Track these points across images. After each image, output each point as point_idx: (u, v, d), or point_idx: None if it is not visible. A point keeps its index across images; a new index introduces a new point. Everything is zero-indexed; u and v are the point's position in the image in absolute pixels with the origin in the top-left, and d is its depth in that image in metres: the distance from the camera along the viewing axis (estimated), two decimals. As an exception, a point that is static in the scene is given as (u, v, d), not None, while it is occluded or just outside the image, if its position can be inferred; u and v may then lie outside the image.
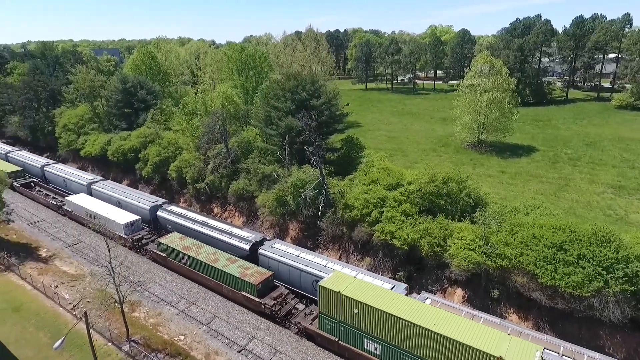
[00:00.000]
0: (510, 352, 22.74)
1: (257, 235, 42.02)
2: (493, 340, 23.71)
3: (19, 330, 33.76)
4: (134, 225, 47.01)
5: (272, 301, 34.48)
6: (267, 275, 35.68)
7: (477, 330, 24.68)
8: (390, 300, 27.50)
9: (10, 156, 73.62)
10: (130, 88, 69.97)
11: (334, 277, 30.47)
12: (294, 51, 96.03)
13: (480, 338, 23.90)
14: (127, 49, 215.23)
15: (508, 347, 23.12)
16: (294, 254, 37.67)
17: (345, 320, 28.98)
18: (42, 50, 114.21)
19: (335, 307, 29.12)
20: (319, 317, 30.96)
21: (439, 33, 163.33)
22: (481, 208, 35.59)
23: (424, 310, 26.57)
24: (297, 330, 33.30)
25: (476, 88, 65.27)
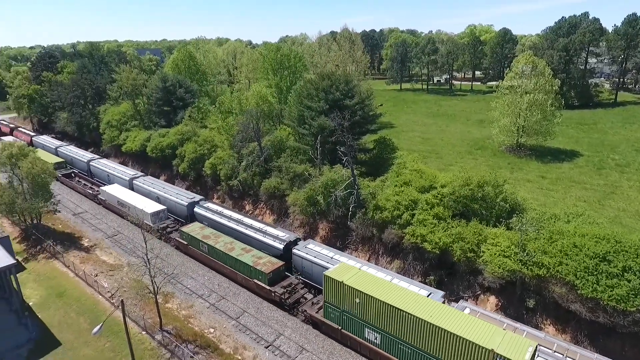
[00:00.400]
0: (503, 346, 23.01)
1: (291, 235, 41.84)
2: (487, 334, 24.03)
3: (61, 314, 35.69)
4: (160, 214, 49.58)
5: (282, 289, 35.84)
6: (279, 265, 37.20)
7: (472, 323, 25.11)
8: (390, 291, 28.31)
9: (60, 150, 77.79)
10: (170, 87, 72.35)
11: (339, 268, 31.67)
12: (328, 51, 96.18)
13: (474, 331, 24.30)
14: (168, 49, 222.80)
15: (501, 341, 23.42)
16: (328, 255, 37.21)
17: (347, 310, 29.89)
18: (89, 50, 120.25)
19: (338, 297, 30.14)
20: (323, 306, 31.98)
21: (478, 32, 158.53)
22: (518, 214, 34.26)
23: (423, 303, 27.26)
24: (303, 318, 34.51)
25: (516, 89, 62.96)
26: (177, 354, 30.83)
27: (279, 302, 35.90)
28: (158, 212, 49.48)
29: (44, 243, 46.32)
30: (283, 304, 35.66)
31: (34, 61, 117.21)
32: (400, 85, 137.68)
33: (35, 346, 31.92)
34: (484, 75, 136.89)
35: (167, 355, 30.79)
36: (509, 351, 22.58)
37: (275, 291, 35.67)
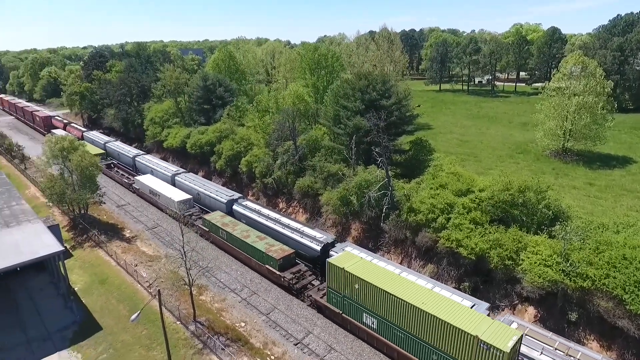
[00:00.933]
0: (488, 333, 23.86)
1: (328, 236, 40.86)
2: (475, 322, 24.97)
3: (103, 300, 37.52)
4: (187, 203, 52.70)
5: (290, 275, 37.82)
6: (289, 252, 39.11)
7: (462, 311, 26.18)
8: (388, 279, 29.80)
9: (107, 146, 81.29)
10: (210, 85, 74.37)
11: (342, 256, 33.57)
12: (366, 51, 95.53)
13: (463, 318, 25.32)
14: (210, 49, 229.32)
15: (487, 329, 24.29)
16: (366, 258, 35.11)
17: (348, 295, 31.58)
18: (136, 50, 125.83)
19: (340, 283, 31.87)
20: (327, 291, 33.80)
21: (524, 32, 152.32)
22: (562, 222, 32.55)
23: (417, 290, 28.60)
24: (309, 303, 36.30)
25: (564, 91, 59.91)
26: (209, 345, 31.61)
27: (287, 287, 37.90)
28: (185, 200, 52.87)
29: (90, 232, 48.86)
30: (291, 288, 37.55)
31: (86, 60, 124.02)
32: (439, 86, 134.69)
33: (79, 329, 33.71)
34: (529, 76, 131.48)
35: (200, 345, 31.63)
36: (493, 338, 23.43)
37: (284, 276, 37.70)
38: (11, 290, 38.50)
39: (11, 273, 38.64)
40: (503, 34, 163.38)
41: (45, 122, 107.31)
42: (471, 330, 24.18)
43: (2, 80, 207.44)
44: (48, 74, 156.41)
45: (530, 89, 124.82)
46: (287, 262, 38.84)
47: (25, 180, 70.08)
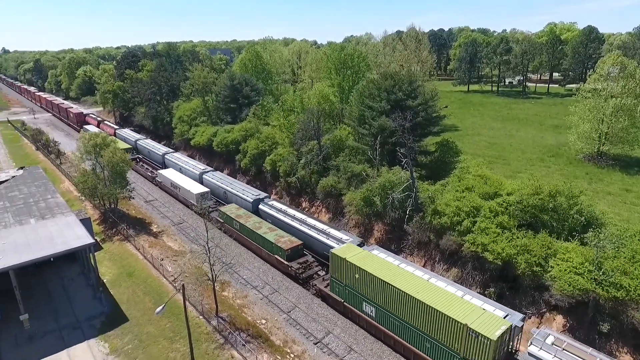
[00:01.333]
0: (478, 322, 24.77)
1: (354, 238, 39.93)
2: (465, 311, 25.97)
3: (130, 292, 38.63)
4: (204, 195, 55.38)
5: (297, 265, 39.52)
6: (297, 244, 40.79)
7: (454, 301, 27.31)
8: (387, 270, 31.11)
9: (138, 144, 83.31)
10: (237, 85, 75.42)
11: (345, 247, 35.14)
12: (393, 51, 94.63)
13: (454, 307, 26.35)
14: (237, 49, 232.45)
15: (478, 318, 25.18)
16: (393, 262, 34.07)
17: (349, 284, 33.08)
18: (167, 50, 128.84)
19: (342, 272, 33.44)
20: (330, 280, 35.41)
21: (558, 31, 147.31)
22: (595, 228, 31.16)
23: (414, 281, 29.81)
24: (314, 292, 37.94)
25: (600, 93, 57.49)
26: (230, 340, 32.02)
27: (294, 276, 39.51)
28: (203, 193, 55.64)
29: (119, 226, 50.41)
30: (298, 277, 39.27)
31: (119, 60, 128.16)
32: (468, 87, 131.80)
33: (107, 319, 34.83)
34: (563, 77, 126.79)
35: (221, 340, 32.08)
36: (482, 327, 24.36)
37: (292, 266, 39.46)
38: (45, 279, 40.22)
39: (45, 263, 40.32)
40: (536, 33, 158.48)
41: (78, 118, 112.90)
42: (461, 319, 25.18)
43: (41, 79, 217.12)
44: (83, 73, 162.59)
45: (563, 90, 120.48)
46: (295, 252, 40.56)
47: (60, 174, 73.04)
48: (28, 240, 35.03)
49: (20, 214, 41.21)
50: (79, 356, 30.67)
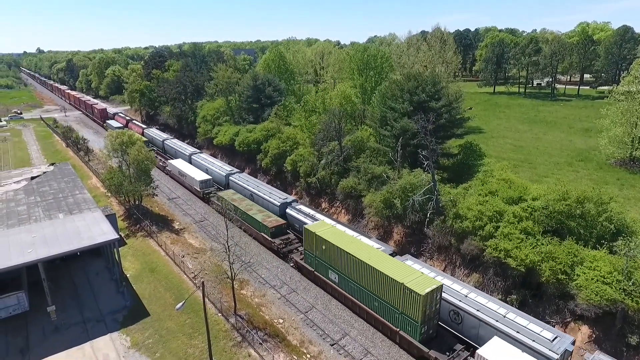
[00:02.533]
0: (413, 282, 29.54)
1: (387, 247, 38.82)
2: (405, 274, 30.70)
3: (152, 288, 39.50)
4: (207, 182, 61.08)
5: (279, 241, 44.40)
6: (281, 223, 45.98)
7: (398, 266, 32.06)
8: (349, 242, 35.69)
9: (166, 143, 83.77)
10: (260, 85, 76.13)
11: (317, 223, 40.26)
12: (417, 51, 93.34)
13: (398, 272, 30.93)
14: (261, 49, 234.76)
15: (414, 279, 29.91)
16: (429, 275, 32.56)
17: (319, 255, 37.63)
18: (192, 50, 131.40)
19: (313, 245, 38.11)
20: (304, 253, 40.30)
21: (591, 31, 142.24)
22: (625, 237, 29.98)
23: (370, 251, 34.37)
24: (293, 264, 42.41)
25: (635, 95, 55.22)
26: (247, 338, 32.31)
27: (276, 250, 44.27)
28: (205, 180, 61.27)
29: (143, 223, 51.66)
30: (279, 252, 44.06)
31: (146, 60, 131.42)
32: (493, 88, 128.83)
33: (129, 313, 35.73)
34: (595, 78, 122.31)
35: (239, 338, 32.40)
36: (415, 286, 29.08)
37: (275, 242, 44.41)
38: (71, 273, 41.60)
39: (72, 257, 41.72)
40: (567, 33, 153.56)
41: (102, 114, 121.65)
42: (401, 280, 29.89)
43: (73, 78, 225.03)
44: (112, 73, 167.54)
45: (595, 92, 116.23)
46: (279, 230, 45.57)
47: (88, 170, 75.46)
48: (56, 235, 36.31)
49: (50, 208, 42.76)
50: (102, 349, 31.56)
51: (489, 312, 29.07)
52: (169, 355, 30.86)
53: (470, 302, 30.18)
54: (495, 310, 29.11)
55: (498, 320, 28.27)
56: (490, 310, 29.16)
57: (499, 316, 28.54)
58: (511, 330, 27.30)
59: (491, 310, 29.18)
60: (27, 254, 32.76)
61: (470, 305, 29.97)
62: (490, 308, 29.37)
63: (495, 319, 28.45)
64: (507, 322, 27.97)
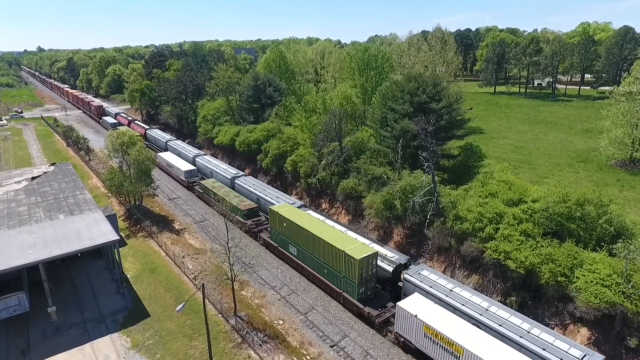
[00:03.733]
0: (352, 250, 34.52)
1: (401, 256, 37.35)
2: (348, 244, 35.73)
3: (152, 288, 39.57)
4: (191, 172, 66.81)
5: (252, 222, 49.56)
6: (253, 206, 51.41)
7: (344, 238, 37.16)
8: (306, 220, 40.86)
9: (169, 144, 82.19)
10: (260, 85, 76.14)
11: (282, 205, 45.42)
12: (418, 51, 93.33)
13: (341, 242, 35.93)
14: (262, 48, 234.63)
15: (354, 248, 34.90)
16: (446, 287, 31.87)
17: (281, 232, 42.91)
18: (193, 49, 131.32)
19: (276, 223, 43.54)
20: (270, 231, 45.73)
21: (592, 31, 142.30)
22: (625, 239, 30.00)
23: (320, 225, 40.00)
24: (261, 242, 47.04)
25: (635, 96, 55.23)
26: (247, 339, 32.36)
27: (249, 230, 49.24)
28: (190, 170, 66.83)
29: (143, 223, 51.71)
30: (251, 231, 48.82)
31: (147, 59, 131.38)
32: (494, 88, 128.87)
33: (129, 314, 35.79)
34: (596, 79, 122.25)
35: (239, 340, 32.46)
36: (353, 252, 34.00)
37: (247, 223, 49.42)
38: (71, 273, 41.68)
39: (72, 257, 41.75)
40: (568, 33, 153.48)
41: (98, 110, 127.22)
42: (342, 248, 34.79)
43: (73, 77, 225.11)
44: (113, 72, 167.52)
45: (596, 92, 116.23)
46: (252, 213, 50.70)
47: (89, 170, 75.50)
48: (57, 235, 36.36)
49: (50, 209, 42.83)
50: (102, 349, 31.65)
51: (511, 326, 27.53)
52: (169, 356, 30.93)
53: (491, 316, 28.62)
54: (519, 325, 27.55)
55: (522, 336, 26.69)
56: (512, 325, 27.61)
57: (522, 332, 27.02)
58: (537, 347, 25.82)
59: (514, 325, 27.64)
60: (28, 255, 32.82)
61: (491, 319, 28.39)
62: (512, 323, 27.79)
63: (519, 334, 26.87)
64: (531, 338, 26.39)
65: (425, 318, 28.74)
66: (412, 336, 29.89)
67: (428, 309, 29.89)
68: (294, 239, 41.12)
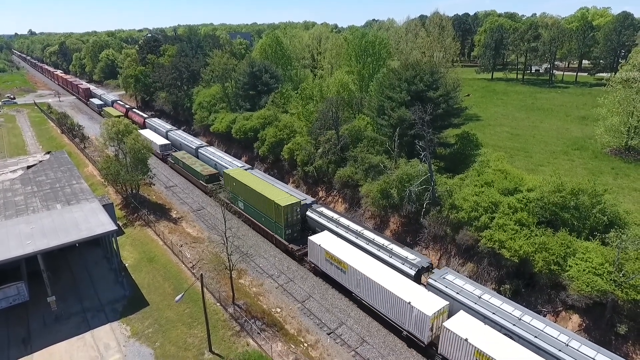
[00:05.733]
0: (281, 199, 43.10)
1: (422, 259, 35.44)
2: (279, 195, 44.36)
3: (150, 277, 39.89)
4: (166, 147, 75.06)
5: (212, 185, 57.40)
6: (214, 172, 59.58)
7: (278, 192, 45.81)
8: (252, 180, 49.09)
9: (170, 135, 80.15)
10: (256, 72, 75.37)
11: (234, 169, 54.35)
12: (415, 37, 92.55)
13: (275, 195, 44.44)
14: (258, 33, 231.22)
15: (283, 198, 43.67)
16: (474, 293, 30.37)
17: (232, 191, 51.56)
18: (188, 34, 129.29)
19: (229, 184, 51.99)
20: (225, 190, 54.10)
21: (590, 16, 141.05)
22: (618, 228, 30.47)
23: (261, 183, 48.25)
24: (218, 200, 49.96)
25: (632, 84, 55.23)
26: (245, 328, 32.88)
27: (208, 192, 57.19)
28: (164, 144, 75.22)
29: (140, 212, 51.75)
30: (210, 192, 56.04)
31: (141, 44, 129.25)
32: (492, 75, 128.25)
33: (128, 303, 36.17)
34: (593, 65, 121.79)
35: (237, 328, 32.96)
36: (280, 201, 42.59)
37: (208, 186, 57.53)
38: (70, 263, 41.89)
39: (70, 247, 41.81)
40: (566, 18, 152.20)
41: (85, 92, 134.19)
42: (272, 198, 43.27)
43: (66, 62, 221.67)
44: (106, 57, 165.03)
45: (593, 79, 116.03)
46: (212, 178, 58.76)
47: (84, 158, 75.11)
48: (55, 226, 36.43)
49: (47, 199, 42.77)
50: (102, 338, 32.07)
51: (547, 338, 26.28)
52: (168, 344, 31.42)
53: (525, 326, 27.28)
54: (556, 337, 26.28)
55: (561, 349, 25.43)
56: (549, 337, 26.34)
57: (561, 344, 25.64)
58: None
59: (550, 336, 26.36)
60: (26, 246, 32.94)
61: (526, 330, 27.05)
62: (549, 334, 26.49)
63: (557, 347, 25.55)
64: (570, 351, 25.28)
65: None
66: (320, 263, 38.77)
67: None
68: (241, 195, 49.51)
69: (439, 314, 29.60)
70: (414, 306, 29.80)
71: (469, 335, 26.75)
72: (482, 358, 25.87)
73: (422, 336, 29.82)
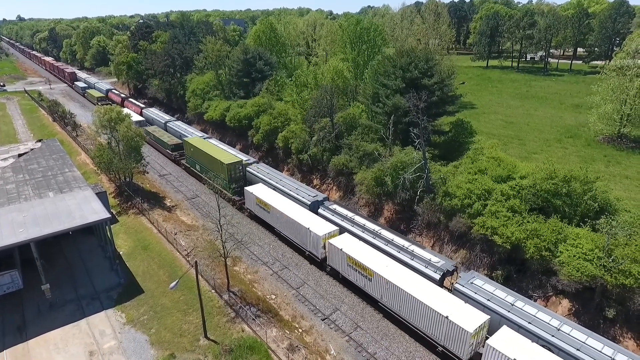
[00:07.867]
0: (225, 158, 51.77)
1: (446, 261, 33.67)
2: (226, 156, 52.50)
3: (145, 265, 39.98)
4: (140, 123, 76.84)
5: (176, 153, 65.95)
6: (179, 142, 66.91)
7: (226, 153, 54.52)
8: (205, 145, 57.29)
9: (169, 125, 77.77)
10: (250, 59, 74.56)
11: (193, 137, 62.71)
12: (411, 24, 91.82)
13: (222, 156, 52.79)
14: (251, 19, 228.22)
15: (226, 157, 52.14)
16: (505, 300, 28.91)
17: (191, 156, 59.92)
18: (180, 20, 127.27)
19: (188, 150, 60.43)
20: (186, 157, 63.12)
21: (586, 3, 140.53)
22: (608, 215, 30.83)
23: (213, 147, 56.58)
24: (183, 167, 63.28)
25: (626, 72, 55.33)
26: (240, 314, 33.16)
27: (173, 159, 66.80)
28: (139, 121, 77.90)
29: (134, 200, 51.60)
30: (175, 160, 66.34)
31: (133, 31, 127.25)
32: (487, 62, 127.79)
33: (123, 290, 36.29)
34: (588, 53, 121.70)
35: (232, 314, 33.23)
36: (224, 159, 51.14)
37: (173, 154, 66.35)
38: (64, 251, 41.82)
39: (64, 235, 41.68)
40: (562, 5, 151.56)
41: (70, 76, 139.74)
42: (218, 158, 51.71)
43: (56, 49, 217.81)
44: (97, 43, 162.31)
45: (587, 67, 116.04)
46: (177, 147, 66.60)
47: (77, 146, 74.40)
48: (47, 214, 36.24)
49: (39, 187, 42.44)
50: (98, 325, 32.23)
51: (589, 350, 24.83)
52: (164, 331, 31.65)
53: (564, 337, 25.91)
54: (600, 350, 24.69)
55: None
56: (592, 350, 24.84)
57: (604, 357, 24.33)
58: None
59: (594, 349, 24.85)
60: (19, 234, 32.78)
61: (565, 341, 25.68)
62: (592, 346, 24.97)
63: None
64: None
65: None
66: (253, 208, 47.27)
67: None
68: (198, 158, 57.22)
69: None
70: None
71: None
72: None
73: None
